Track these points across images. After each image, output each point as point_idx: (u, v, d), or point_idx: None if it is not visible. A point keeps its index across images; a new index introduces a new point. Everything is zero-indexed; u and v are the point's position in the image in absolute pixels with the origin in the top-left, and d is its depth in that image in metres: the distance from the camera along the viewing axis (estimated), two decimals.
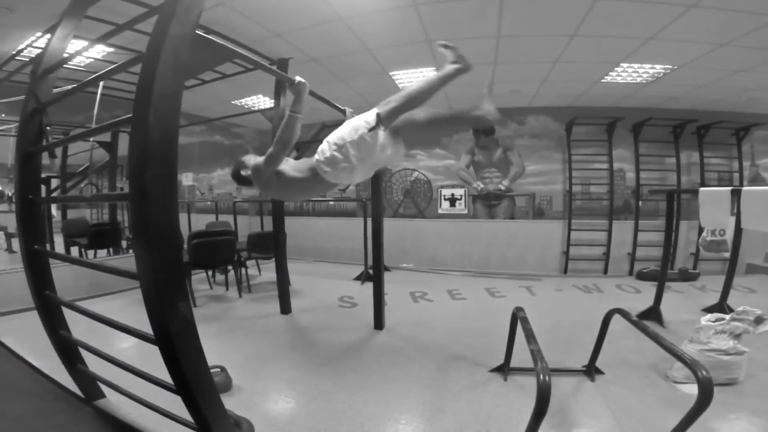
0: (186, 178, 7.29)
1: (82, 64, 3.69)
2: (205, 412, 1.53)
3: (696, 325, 2.63)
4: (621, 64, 4.14)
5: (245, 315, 4.00)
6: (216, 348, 3.22)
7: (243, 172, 2.04)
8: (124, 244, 5.65)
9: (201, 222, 6.20)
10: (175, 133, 1.32)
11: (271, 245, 4.24)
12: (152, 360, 1.48)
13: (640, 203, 5.69)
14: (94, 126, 3.73)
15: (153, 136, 1.24)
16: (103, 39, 1.69)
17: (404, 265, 6.22)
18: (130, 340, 3.15)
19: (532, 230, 6.05)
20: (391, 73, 4.34)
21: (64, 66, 3.55)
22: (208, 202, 7.04)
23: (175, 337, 1.40)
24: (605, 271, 5.75)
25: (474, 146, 6.25)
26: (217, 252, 4.37)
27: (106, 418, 2.18)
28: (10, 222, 7.25)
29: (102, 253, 5.49)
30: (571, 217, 5.83)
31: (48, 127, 2.01)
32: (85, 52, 3.33)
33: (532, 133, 5.99)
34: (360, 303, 4.21)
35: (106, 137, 5.05)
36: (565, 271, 5.83)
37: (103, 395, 2.31)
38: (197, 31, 1.39)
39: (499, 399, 2.35)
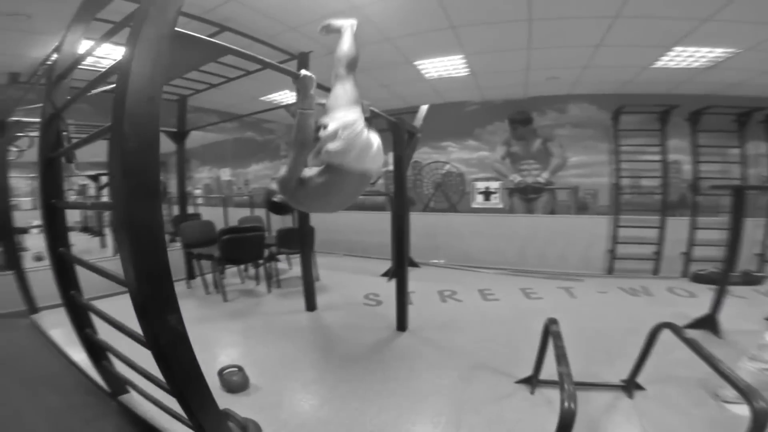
0: (224, 174, 7.55)
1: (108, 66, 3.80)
2: (200, 418, 1.51)
3: (759, 341, 2.31)
4: (674, 48, 3.70)
5: (272, 311, 4.03)
6: (240, 345, 3.29)
7: (275, 198, 1.89)
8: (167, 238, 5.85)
9: (237, 216, 6.37)
10: (155, 141, 1.26)
11: (307, 239, 4.20)
12: None
13: (698, 198, 5.15)
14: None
15: (129, 146, 1.19)
16: (104, 39, 1.68)
17: (434, 261, 6.05)
18: None
19: (574, 226, 5.67)
20: (415, 63, 4.16)
21: (91, 69, 3.71)
22: (245, 197, 7.21)
23: (165, 348, 1.38)
24: (656, 272, 5.29)
25: (510, 137, 5.94)
26: (247, 247, 4.43)
27: (128, 413, 2.25)
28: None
29: None
30: (618, 213, 5.40)
31: (65, 132, 2.04)
32: (112, 54, 3.43)
33: (575, 122, 5.57)
34: (385, 301, 4.12)
35: None
36: (611, 271, 5.42)
37: (127, 390, 2.37)
38: (182, 29, 1.33)
39: (523, 414, 2.18)
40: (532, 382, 2.45)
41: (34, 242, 6.75)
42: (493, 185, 6.11)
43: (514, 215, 5.98)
